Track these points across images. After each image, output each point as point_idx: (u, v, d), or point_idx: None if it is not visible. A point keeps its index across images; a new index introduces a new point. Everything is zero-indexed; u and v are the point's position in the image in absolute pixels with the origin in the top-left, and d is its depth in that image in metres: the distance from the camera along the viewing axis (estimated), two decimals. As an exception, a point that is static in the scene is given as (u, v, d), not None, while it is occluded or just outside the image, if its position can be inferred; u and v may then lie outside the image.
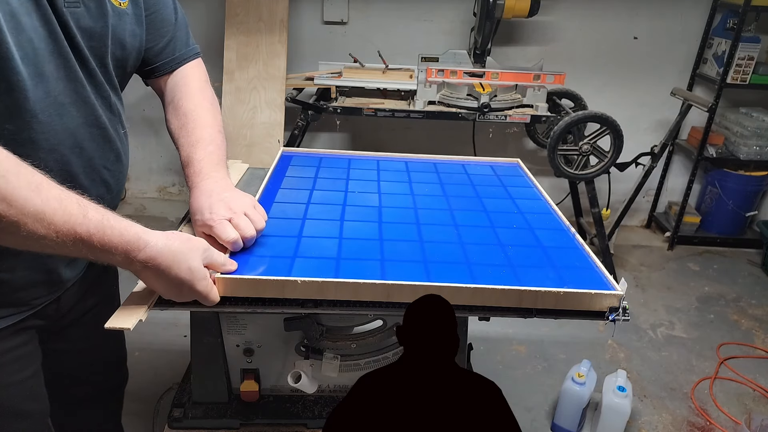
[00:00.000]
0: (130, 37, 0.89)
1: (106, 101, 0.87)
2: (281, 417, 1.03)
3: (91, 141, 0.85)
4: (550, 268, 0.93)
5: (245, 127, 2.48)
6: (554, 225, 1.10)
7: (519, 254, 0.96)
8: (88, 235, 0.67)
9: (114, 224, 0.70)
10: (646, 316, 2.58)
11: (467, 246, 0.97)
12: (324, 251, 0.92)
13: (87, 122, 0.84)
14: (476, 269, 0.90)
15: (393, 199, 1.15)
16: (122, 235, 0.70)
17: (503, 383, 0.78)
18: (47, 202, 0.64)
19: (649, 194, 3.34)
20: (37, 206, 0.63)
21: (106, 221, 0.69)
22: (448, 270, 0.89)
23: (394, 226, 1.03)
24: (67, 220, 0.66)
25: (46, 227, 0.64)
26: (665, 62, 3.02)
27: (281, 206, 1.08)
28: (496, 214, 1.12)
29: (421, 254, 0.93)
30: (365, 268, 0.87)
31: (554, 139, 2.34)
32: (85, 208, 0.68)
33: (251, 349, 1.00)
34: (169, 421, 1.01)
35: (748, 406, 2.07)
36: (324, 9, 2.84)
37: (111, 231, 0.69)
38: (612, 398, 1.79)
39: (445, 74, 2.46)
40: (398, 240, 0.98)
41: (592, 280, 0.90)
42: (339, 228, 1.00)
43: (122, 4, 0.85)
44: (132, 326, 0.74)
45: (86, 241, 0.68)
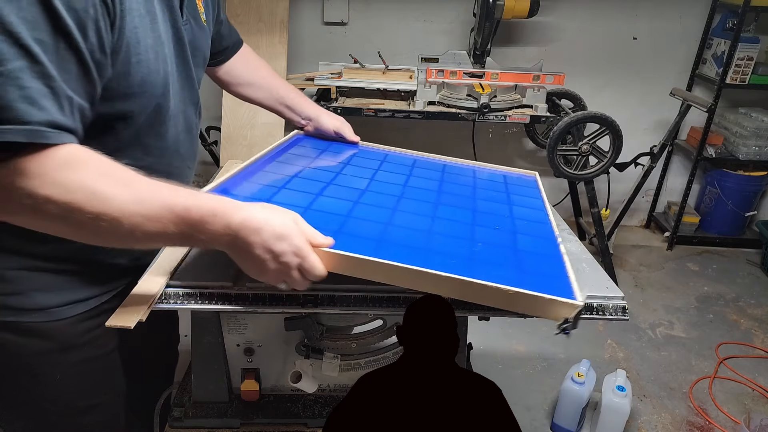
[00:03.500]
0: (208, 48, 1.02)
1: (197, 107, 0.99)
2: (281, 416, 1.03)
3: (184, 144, 0.96)
4: (514, 269, 0.84)
5: (246, 128, 2.48)
6: (543, 233, 1.01)
7: (486, 252, 0.88)
8: (185, 209, 0.70)
9: (205, 196, 0.73)
10: (646, 316, 2.59)
11: (433, 235, 0.90)
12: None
13: (186, 128, 0.95)
14: (432, 257, 0.82)
15: (381, 186, 1.09)
16: (216, 202, 0.72)
17: (503, 383, 0.78)
18: (139, 192, 0.68)
19: (648, 194, 3.35)
20: (131, 199, 0.67)
21: (197, 193, 0.73)
22: (400, 252, 0.81)
23: (368, 208, 0.96)
24: (163, 202, 0.69)
25: (144, 216, 0.68)
26: (665, 62, 3.02)
27: (266, 174, 1.03)
28: (483, 214, 1.05)
29: (380, 234, 0.87)
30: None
31: (554, 139, 2.35)
32: (174, 188, 0.71)
33: (251, 348, 1.00)
34: (169, 420, 1.01)
35: (747, 405, 2.08)
36: (324, 9, 2.84)
37: (205, 200, 0.72)
38: (611, 398, 1.79)
39: (444, 75, 2.46)
40: (364, 219, 0.91)
41: (554, 287, 0.80)
42: (308, 200, 0.95)
43: (204, 21, 0.97)
44: (132, 325, 0.75)
45: (185, 216, 0.70)
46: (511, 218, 1.06)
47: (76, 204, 0.65)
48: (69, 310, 0.90)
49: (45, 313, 0.88)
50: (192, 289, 0.83)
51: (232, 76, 1.24)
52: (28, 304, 0.87)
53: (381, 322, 1.01)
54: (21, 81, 0.61)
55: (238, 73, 1.24)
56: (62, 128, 0.65)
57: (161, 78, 0.80)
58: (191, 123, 0.97)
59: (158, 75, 0.79)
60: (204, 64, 1.02)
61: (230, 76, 1.24)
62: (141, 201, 0.68)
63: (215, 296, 0.83)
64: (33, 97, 0.62)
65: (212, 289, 0.83)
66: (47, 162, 0.64)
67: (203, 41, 0.97)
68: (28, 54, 0.61)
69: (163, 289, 0.82)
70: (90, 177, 0.66)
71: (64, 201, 0.64)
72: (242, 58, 1.25)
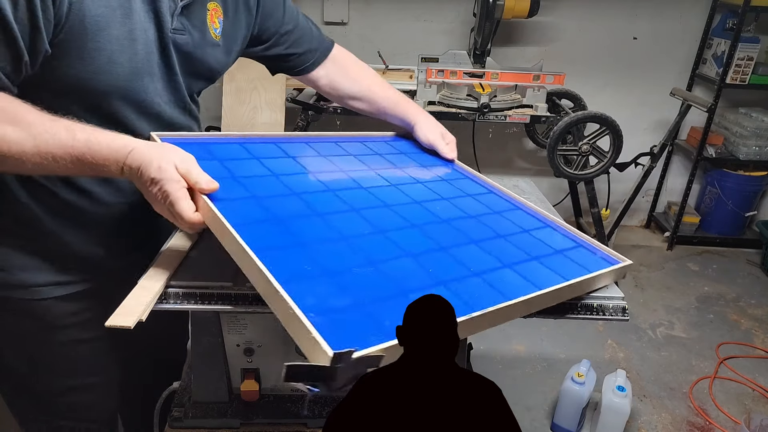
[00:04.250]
0: (218, 64, 1.03)
1: (185, 110, 1.02)
2: (281, 417, 1.03)
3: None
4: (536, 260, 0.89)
5: (246, 128, 2.48)
6: (501, 206, 1.06)
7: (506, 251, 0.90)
8: (81, 154, 0.75)
9: (101, 139, 0.76)
10: (646, 316, 2.59)
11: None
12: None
13: (168, 127, 0.97)
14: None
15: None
16: (109, 146, 0.76)
17: (503, 383, 0.78)
18: (41, 136, 0.74)
19: (648, 194, 3.35)
20: (34, 145, 0.74)
21: (93, 138, 0.75)
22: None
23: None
24: (61, 146, 0.74)
25: (45, 158, 0.74)
26: (665, 62, 3.02)
27: (251, 228, 0.87)
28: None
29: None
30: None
31: (554, 139, 2.35)
32: (72, 131, 0.75)
33: (251, 348, 1.00)
34: (169, 420, 1.01)
35: (747, 405, 2.08)
36: (324, 9, 2.84)
37: (98, 146, 0.75)
38: (611, 398, 1.79)
39: (444, 75, 2.46)
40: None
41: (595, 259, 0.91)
42: (354, 250, 0.84)
43: (217, 36, 1.00)
44: (132, 325, 0.75)
45: (82, 159, 0.75)
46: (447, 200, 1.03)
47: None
48: (50, 290, 0.96)
49: (29, 291, 0.95)
50: (192, 289, 0.83)
51: (336, 89, 1.25)
52: (12, 280, 0.94)
53: (381, 322, 1.00)
54: None
55: (339, 86, 1.25)
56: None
57: (125, 70, 0.84)
58: (177, 124, 1.00)
59: (121, 67, 0.83)
60: (210, 76, 1.04)
61: (334, 89, 1.26)
62: (38, 145, 0.74)
63: (215, 296, 0.82)
64: None
65: (212, 289, 0.83)
66: None
67: (210, 56, 1.00)
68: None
69: (163, 289, 0.82)
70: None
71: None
72: (341, 68, 1.24)
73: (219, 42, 1.01)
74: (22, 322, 0.99)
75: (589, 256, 0.96)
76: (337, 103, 1.31)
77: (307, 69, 1.21)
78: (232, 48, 1.06)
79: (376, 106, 1.27)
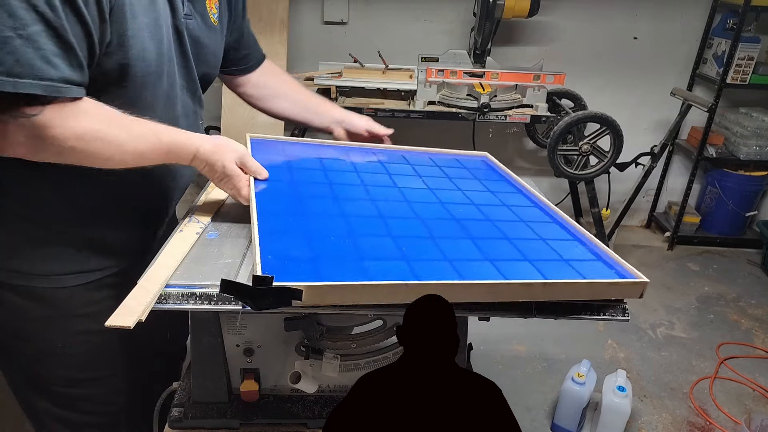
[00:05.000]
0: (218, 49, 1.07)
1: (195, 96, 1.05)
2: (281, 417, 1.03)
3: (182, 125, 0.98)
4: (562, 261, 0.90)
5: (246, 127, 2.47)
6: (536, 217, 1.06)
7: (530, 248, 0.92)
8: (164, 154, 0.88)
9: (177, 139, 0.89)
10: (646, 316, 2.58)
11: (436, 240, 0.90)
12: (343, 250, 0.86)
13: (184, 113, 1.02)
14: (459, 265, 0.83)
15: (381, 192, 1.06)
16: (184, 147, 0.90)
17: (503, 383, 0.78)
18: (136, 139, 0.84)
19: (648, 194, 3.34)
20: (130, 144, 0.83)
21: (173, 140, 0.89)
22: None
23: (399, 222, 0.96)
24: (150, 146, 0.86)
25: (134, 156, 0.85)
26: (665, 62, 3.02)
27: (272, 198, 1.00)
28: (487, 206, 1.06)
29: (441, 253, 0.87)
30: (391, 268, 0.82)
31: (554, 139, 2.35)
32: (157, 134, 0.87)
33: (251, 349, 1.00)
34: (169, 421, 1.01)
35: (747, 405, 2.08)
36: (324, 9, 2.84)
37: (177, 148, 0.89)
38: (612, 398, 1.79)
39: (445, 74, 2.46)
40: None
41: (609, 271, 0.91)
42: (346, 225, 0.92)
43: (215, 21, 1.03)
44: (132, 325, 0.75)
45: (163, 157, 0.88)
46: (502, 207, 1.07)
47: (93, 148, 0.80)
48: (73, 279, 0.98)
49: (47, 279, 0.97)
50: (192, 289, 0.83)
51: (259, 89, 1.30)
52: (28, 269, 0.96)
53: (381, 322, 1.00)
54: (38, 43, 0.71)
55: (263, 86, 1.30)
56: (73, 83, 0.76)
57: (155, 56, 0.88)
58: (188, 109, 1.04)
59: (152, 53, 0.87)
60: (214, 62, 1.07)
61: (257, 89, 1.30)
62: (135, 145, 0.84)
63: (215, 296, 0.82)
64: (48, 57, 0.72)
65: (212, 289, 0.83)
66: (65, 112, 0.76)
67: (212, 40, 1.02)
68: (44, 19, 0.70)
69: (163, 289, 0.82)
70: (97, 124, 0.80)
71: (81, 147, 0.79)
72: (267, 71, 1.30)
73: (217, 27, 1.04)
74: (43, 310, 0.99)
75: (604, 269, 0.93)
76: (257, 106, 1.33)
77: (248, 69, 1.26)
78: (225, 33, 1.09)
79: (303, 105, 1.33)
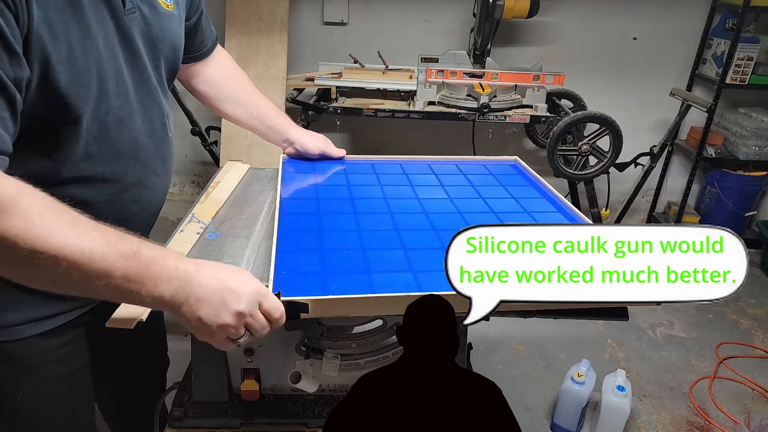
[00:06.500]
0: (178, 38, 0.91)
1: (159, 106, 0.89)
2: (281, 416, 1.03)
3: (144, 148, 0.87)
4: None
5: (245, 128, 2.48)
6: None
7: None
8: (140, 277, 0.65)
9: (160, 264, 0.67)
10: (645, 316, 2.59)
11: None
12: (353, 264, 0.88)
13: (148, 131, 0.87)
14: None
15: (401, 204, 1.09)
16: (169, 279, 0.67)
17: (503, 383, 0.78)
18: (83, 229, 0.63)
19: (648, 194, 3.34)
20: (72, 235, 0.61)
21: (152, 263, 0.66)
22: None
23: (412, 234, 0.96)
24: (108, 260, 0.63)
25: (86, 265, 0.61)
26: (664, 63, 3.02)
27: (294, 217, 1.03)
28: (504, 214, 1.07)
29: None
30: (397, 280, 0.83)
31: (554, 139, 2.35)
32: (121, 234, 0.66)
33: (251, 348, 1.00)
34: (169, 420, 1.01)
35: (747, 405, 2.08)
36: (324, 10, 2.84)
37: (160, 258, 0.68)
38: (611, 398, 1.79)
39: (444, 75, 2.46)
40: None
41: None
42: (359, 239, 0.94)
43: (168, 6, 0.87)
44: (132, 326, 0.75)
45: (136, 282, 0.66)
46: (525, 213, 1.10)
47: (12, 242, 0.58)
48: (32, 328, 0.86)
49: (4, 332, 0.84)
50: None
51: (213, 87, 1.16)
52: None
53: (381, 322, 1.01)
54: None
55: (219, 85, 1.16)
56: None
57: (95, 76, 0.73)
58: (153, 126, 0.88)
59: (89, 74, 0.72)
60: (174, 55, 0.91)
61: (210, 87, 1.16)
62: (82, 235, 0.61)
63: (215, 296, 0.82)
64: None
65: (212, 289, 0.83)
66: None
67: (167, 28, 0.86)
68: None
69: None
70: (26, 224, 0.59)
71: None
72: (224, 68, 1.17)
73: (172, 11, 0.88)
74: (2, 365, 0.87)
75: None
76: (207, 105, 1.20)
77: (201, 56, 1.11)
78: (182, 17, 0.94)
79: (256, 115, 1.21)
